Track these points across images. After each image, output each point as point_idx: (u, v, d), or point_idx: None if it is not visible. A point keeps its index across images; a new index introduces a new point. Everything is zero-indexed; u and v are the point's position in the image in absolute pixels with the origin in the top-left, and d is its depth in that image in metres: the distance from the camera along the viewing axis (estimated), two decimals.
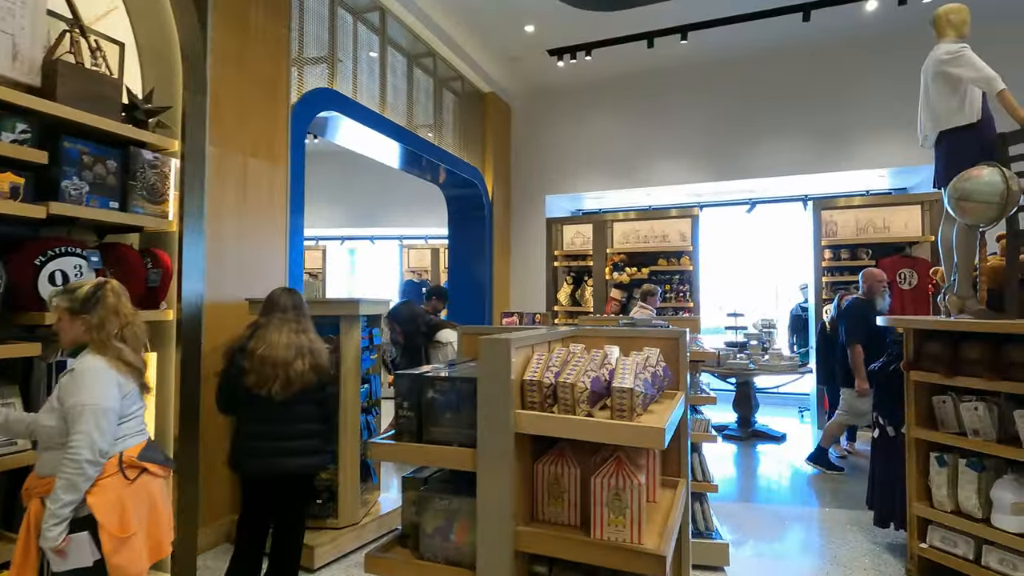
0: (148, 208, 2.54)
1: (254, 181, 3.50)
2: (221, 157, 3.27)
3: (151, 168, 2.55)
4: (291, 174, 3.78)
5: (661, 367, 1.54)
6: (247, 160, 3.45)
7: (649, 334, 1.65)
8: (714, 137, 6.77)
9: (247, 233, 3.45)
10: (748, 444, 5.56)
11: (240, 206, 3.41)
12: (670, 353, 1.64)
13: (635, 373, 1.27)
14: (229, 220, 3.33)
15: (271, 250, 3.63)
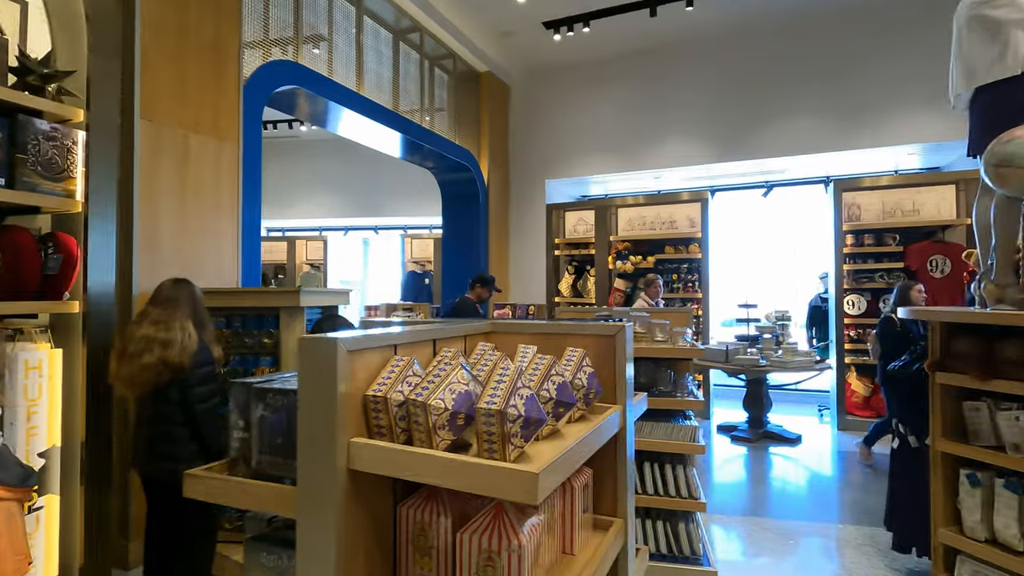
0: (45, 185, 2.23)
1: (197, 159, 3.19)
2: (155, 132, 2.97)
3: (47, 140, 2.24)
4: (244, 153, 3.47)
5: (585, 374, 1.16)
6: (188, 135, 3.14)
7: (579, 330, 1.27)
8: (726, 113, 6.26)
9: (189, 217, 3.15)
10: (759, 447, 5.11)
11: (180, 187, 3.10)
12: (604, 355, 1.25)
13: (514, 387, 0.90)
14: (166, 202, 3.03)
15: (220, 236, 3.32)
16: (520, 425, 0.87)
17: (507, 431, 0.86)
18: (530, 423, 0.89)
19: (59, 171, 2.28)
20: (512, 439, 0.86)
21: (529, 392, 0.91)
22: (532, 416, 0.89)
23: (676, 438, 2.53)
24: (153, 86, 2.95)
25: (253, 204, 3.54)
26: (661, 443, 2.50)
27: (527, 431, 0.89)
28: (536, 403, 0.91)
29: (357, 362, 0.93)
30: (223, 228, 3.34)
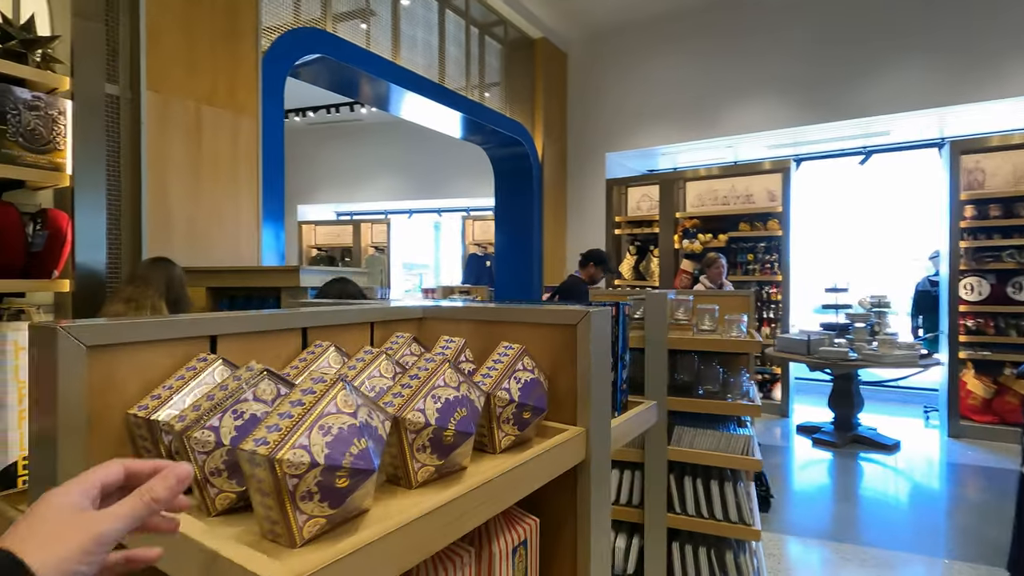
0: (28, 158, 2.13)
1: (212, 133, 3.05)
2: (163, 103, 2.84)
3: (29, 110, 2.13)
4: (264, 127, 3.30)
5: (517, 383, 0.77)
6: (200, 108, 3.00)
7: (525, 317, 0.88)
8: (816, 67, 5.42)
9: (203, 193, 3.02)
10: (847, 453, 4.41)
11: (192, 162, 2.97)
12: (560, 354, 0.85)
13: (317, 422, 0.53)
14: (177, 177, 2.91)
15: (238, 214, 3.19)
16: (318, 484, 0.51)
17: (291, 490, 0.50)
18: (357, 477, 0.52)
19: (44, 143, 2.17)
20: (301, 506, 0.50)
21: (356, 423, 0.54)
22: (351, 466, 0.52)
23: (726, 449, 2.06)
24: (160, 54, 2.81)
25: (274, 181, 3.37)
26: (704, 454, 2.04)
27: (333, 497, 0.52)
28: (370, 453, 0.54)
29: (122, 365, 0.60)
30: (241, 205, 3.20)
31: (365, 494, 0.55)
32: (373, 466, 0.53)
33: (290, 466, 0.49)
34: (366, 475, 0.53)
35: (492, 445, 0.77)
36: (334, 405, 0.55)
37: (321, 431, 0.52)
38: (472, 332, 0.93)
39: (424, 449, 0.66)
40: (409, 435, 0.65)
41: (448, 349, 0.86)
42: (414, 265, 11.82)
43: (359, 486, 0.53)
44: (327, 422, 0.53)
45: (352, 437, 0.53)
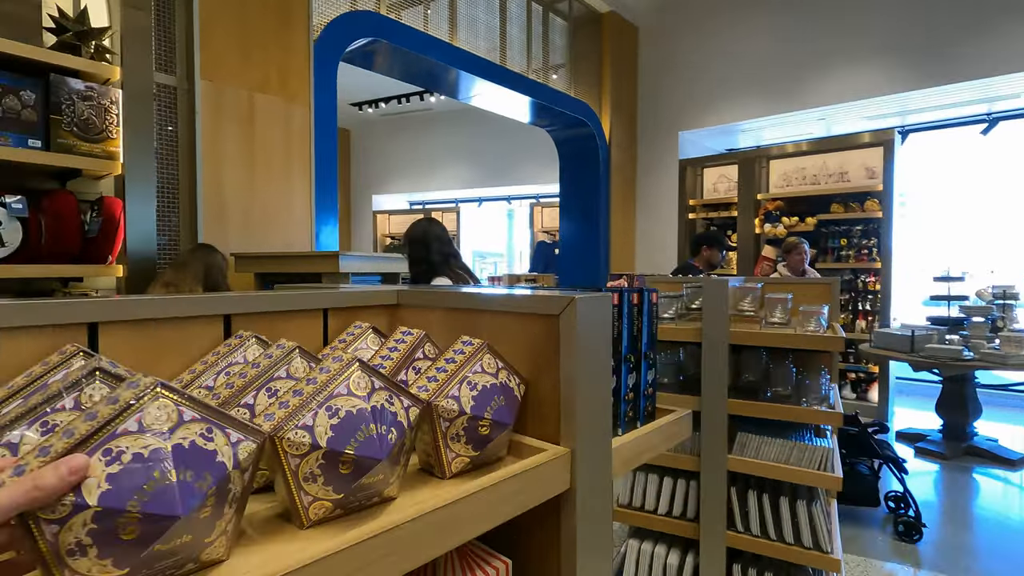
0: (82, 147, 2.20)
1: (264, 121, 3.07)
2: (217, 92, 2.88)
3: (83, 100, 2.19)
4: (316, 114, 3.29)
5: (471, 390, 0.60)
6: (253, 96, 3.02)
7: (499, 306, 0.70)
8: (926, 22, 4.72)
9: (257, 180, 3.05)
10: (959, 467, 3.83)
11: (246, 150, 3.01)
12: (539, 351, 0.67)
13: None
14: (231, 165, 2.95)
15: (291, 200, 3.21)
16: (321, 468, 0.49)
17: (293, 470, 0.46)
18: (338, 464, 0.48)
19: (97, 132, 2.24)
20: (305, 487, 0.49)
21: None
22: (365, 454, 0.47)
23: (799, 461, 1.77)
24: (214, 44, 2.85)
25: (327, 168, 3.37)
26: (770, 466, 1.76)
27: (338, 482, 0.49)
28: (377, 441, 0.51)
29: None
30: (294, 192, 3.22)
31: (379, 481, 0.51)
32: (380, 455, 0.48)
33: (291, 445, 0.47)
34: (370, 463, 0.48)
35: (440, 468, 0.60)
36: (345, 387, 0.50)
37: (328, 413, 0.49)
38: (442, 322, 0.76)
39: (458, 439, 0.61)
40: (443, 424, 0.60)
41: (403, 343, 0.69)
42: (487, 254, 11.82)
43: (365, 473, 0.49)
44: (336, 404, 0.49)
45: (359, 423, 0.49)
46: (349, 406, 0.49)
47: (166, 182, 2.71)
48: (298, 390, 0.50)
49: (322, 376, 0.51)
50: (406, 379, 0.67)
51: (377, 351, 0.69)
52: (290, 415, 0.47)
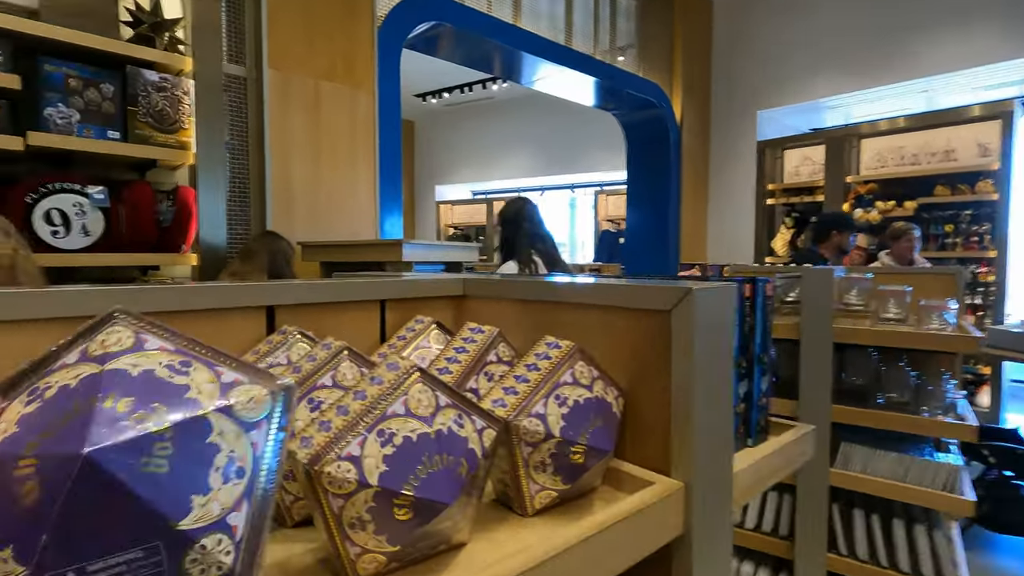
0: (158, 138, 2.23)
1: (330, 109, 3.06)
2: (284, 81, 2.88)
3: (157, 91, 2.23)
4: (380, 101, 3.25)
5: (560, 407, 0.47)
6: (319, 84, 3.01)
7: (596, 298, 0.56)
8: None
9: (323, 168, 3.05)
10: None
11: (312, 138, 3.00)
12: (644, 357, 0.53)
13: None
14: (298, 153, 2.96)
15: (356, 188, 3.19)
16: (370, 511, 0.37)
17: (336, 513, 0.35)
18: (391, 508, 0.36)
19: (171, 123, 2.27)
20: (351, 535, 0.38)
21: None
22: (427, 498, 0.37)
23: (918, 480, 1.53)
24: (281, 33, 2.85)
25: (392, 155, 3.33)
26: (883, 484, 1.53)
27: (393, 530, 0.38)
28: (444, 480, 0.41)
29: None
30: (359, 179, 3.20)
31: (446, 527, 0.40)
32: (447, 498, 0.37)
33: (332, 482, 0.36)
34: (436, 509, 0.37)
35: (520, 503, 0.48)
36: (403, 404, 0.38)
37: (380, 439, 0.37)
38: (517, 317, 0.64)
39: (544, 468, 0.48)
40: (524, 448, 0.47)
41: (472, 343, 0.57)
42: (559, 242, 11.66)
43: (429, 520, 0.37)
44: (390, 427, 0.38)
45: (421, 453, 0.38)
46: (407, 430, 0.38)
47: (236, 171, 2.74)
48: (343, 406, 0.39)
49: (373, 389, 0.39)
50: (476, 387, 0.55)
51: (442, 352, 0.58)
52: (332, 441, 0.36)
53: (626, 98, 5.30)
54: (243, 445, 0.29)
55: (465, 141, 10.32)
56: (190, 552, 0.26)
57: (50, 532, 0.23)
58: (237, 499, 0.28)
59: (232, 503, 0.28)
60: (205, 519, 0.27)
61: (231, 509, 0.28)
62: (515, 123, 9.67)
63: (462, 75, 8.05)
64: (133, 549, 0.25)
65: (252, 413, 0.30)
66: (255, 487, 0.29)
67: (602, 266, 6.71)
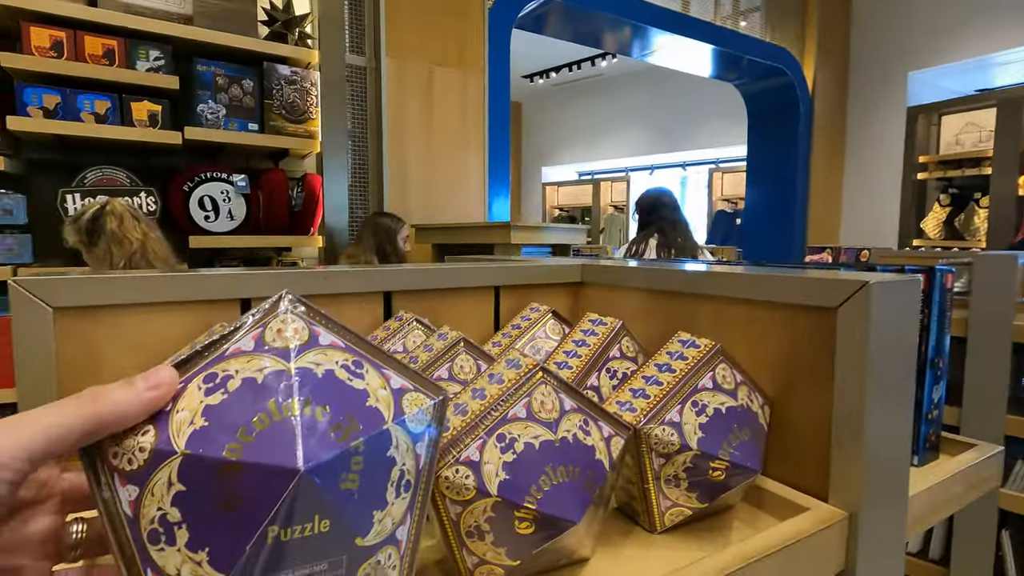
0: (289, 128, 2.41)
1: (442, 93, 3.12)
2: (400, 68, 2.98)
3: (288, 84, 2.39)
4: (490, 82, 3.26)
5: (699, 415, 0.41)
6: (432, 69, 3.08)
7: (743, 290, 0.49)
8: None
9: (435, 150, 3.13)
10: None
11: (425, 122, 3.09)
12: (795, 360, 0.45)
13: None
14: (412, 138, 3.06)
15: (466, 170, 3.24)
16: (489, 521, 0.35)
17: (454, 519, 0.35)
18: (512, 520, 0.35)
19: (300, 113, 2.43)
20: (468, 544, 0.36)
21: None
22: (550, 514, 0.35)
23: None
24: (398, 22, 2.94)
25: (500, 135, 3.34)
26: None
27: (512, 543, 0.36)
28: (569, 494, 0.37)
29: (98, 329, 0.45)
30: (469, 161, 3.24)
31: (572, 544, 0.37)
32: (573, 516, 0.33)
33: (450, 487, 0.34)
34: (562, 527, 0.34)
35: (648, 518, 0.43)
36: (524, 406, 0.36)
37: (500, 445, 0.34)
38: (642, 308, 0.58)
39: (677, 483, 0.43)
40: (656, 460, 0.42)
41: (593, 336, 0.53)
42: None
43: (553, 537, 0.34)
44: (511, 432, 0.35)
45: (544, 463, 0.35)
46: (529, 436, 0.34)
47: (357, 158, 2.89)
48: (461, 404, 0.36)
49: (493, 388, 0.36)
50: (597, 384, 0.51)
51: (559, 345, 0.54)
52: (450, 443, 0.34)
53: (749, 66, 4.88)
54: (411, 457, 0.28)
55: (572, 121, 10.16)
56: (365, 566, 0.26)
57: (252, 544, 0.23)
58: (404, 512, 0.28)
59: (400, 517, 0.28)
60: (381, 535, 0.27)
61: (399, 523, 0.28)
62: (624, 100, 9.34)
63: (570, 53, 7.90)
64: (321, 562, 0.25)
65: (418, 424, 0.29)
66: (416, 500, 0.29)
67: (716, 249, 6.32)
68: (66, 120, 1.92)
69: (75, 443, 0.23)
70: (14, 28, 1.87)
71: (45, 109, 1.90)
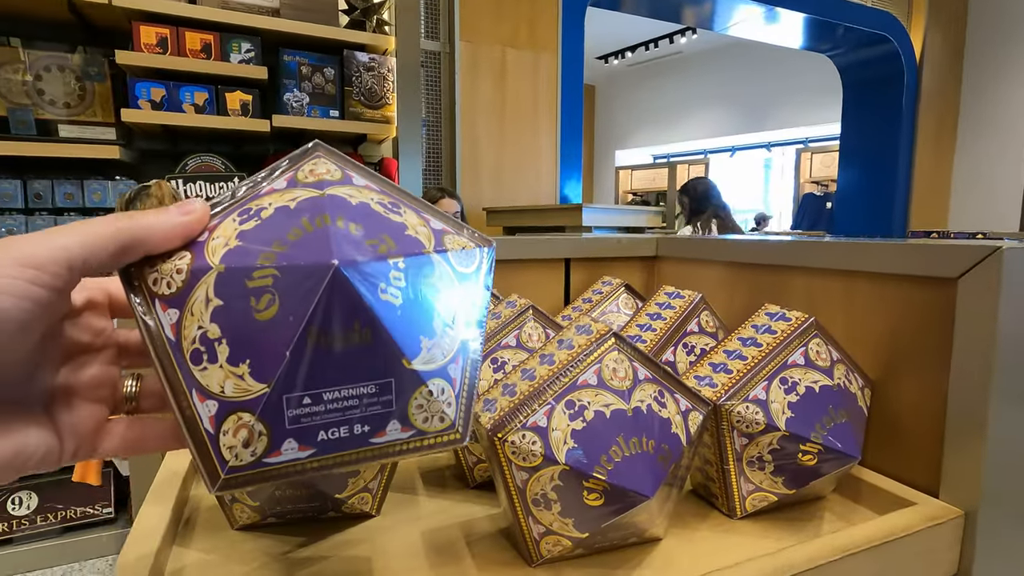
0: (367, 114, 2.48)
1: (514, 75, 3.10)
2: (473, 52, 2.99)
3: (367, 71, 2.46)
4: (563, 63, 3.20)
5: (788, 393, 0.37)
6: (505, 51, 3.06)
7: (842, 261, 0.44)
8: None
9: (507, 133, 3.12)
10: None
11: (498, 104, 3.09)
12: (903, 338, 0.40)
13: None
14: (484, 120, 3.07)
15: (537, 152, 3.22)
16: (556, 490, 0.34)
17: (520, 486, 0.35)
18: (581, 491, 0.34)
19: (378, 99, 2.50)
20: (535, 512, 0.35)
21: None
22: (619, 485, 0.33)
23: None
24: (471, 5, 2.94)
25: (573, 117, 3.28)
26: None
27: (580, 514, 0.34)
28: (640, 466, 0.34)
29: None
30: (541, 145, 3.21)
31: (644, 521, 0.35)
32: (646, 490, 0.32)
33: (516, 451, 0.32)
34: (633, 501, 0.32)
35: (727, 502, 0.40)
36: (595, 373, 0.34)
37: (569, 411, 0.33)
38: (724, 283, 0.54)
39: (762, 466, 0.39)
40: (737, 439, 0.38)
41: (669, 309, 0.50)
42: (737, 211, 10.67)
43: (624, 511, 0.32)
44: (580, 399, 0.33)
45: (615, 432, 0.33)
46: (600, 404, 0.32)
47: (431, 142, 2.94)
48: (528, 370, 0.35)
49: (562, 354, 0.35)
50: (673, 360, 0.48)
51: (632, 318, 0.51)
52: (516, 408, 0.33)
53: (846, 34, 4.48)
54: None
55: (647, 102, 9.83)
56: (417, 396, 0.25)
57: (292, 349, 0.22)
58: (455, 351, 0.26)
59: (452, 354, 0.26)
60: (431, 364, 0.25)
61: (451, 360, 0.26)
62: (704, 78, 8.91)
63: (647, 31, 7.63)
64: (367, 383, 0.24)
65: (464, 266, 0.27)
66: (467, 343, 0.27)
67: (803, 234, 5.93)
68: (170, 111, 2.08)
69: (111, 256, 0.23)
70: (127, 28, 2.03)
71: (152, 102, 2.06)
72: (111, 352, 0.27)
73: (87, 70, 2.08)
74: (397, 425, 0.24)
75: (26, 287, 0.21)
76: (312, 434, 0.23)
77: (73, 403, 0.25)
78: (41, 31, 2.07)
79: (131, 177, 2.16)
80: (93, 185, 2.04)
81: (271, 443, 0.23)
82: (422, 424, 0.25)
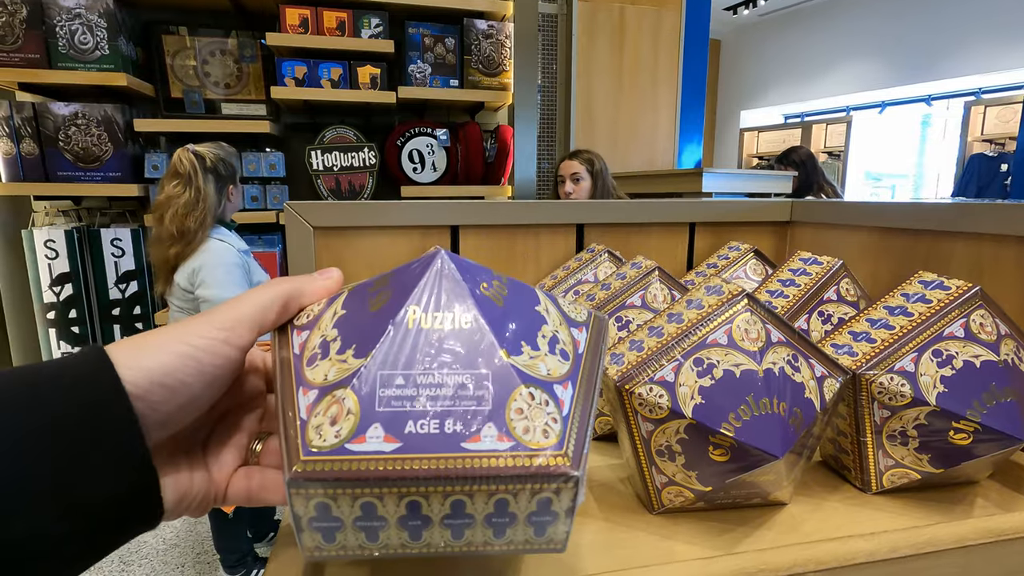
0: (484, 82, 2.53)
1: (634, 32, 2.97)
2: (591, 11, 2.90)
3: (485, 39, 2.49)
4: (687, 17, 3.00)
5: (942, 366, 0.34)
6: (624, 8, 2.94)
7: (1001, 225, 0.39)
8: None
9: (624, 93, 3.02)
10: None
11: (615, 64, 2.98)
12: None
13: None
14: (599, 83, 2.99)
15: (657, 112, 3.08)
16: (681, 443, 0.35)
17: (645, 437, 0.36)
18: (705, 444, 0.36)
19: (495, 66, 2.53)
20: (659, 463, 0.39)
21: None
22: (742, 441, 0.34)
23: None
24: None
25: (696, 76, 3.09)
26: None
27: (703, 467, 0.36)
28: (767, 427, 0.33)
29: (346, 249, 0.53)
30: (660, 106, 3.07)
31: (769, 483, 0.35)
32: (776, 450, 0.31)
33: (643, 404, 0.33)
34: (760, 459, 0.31)
35: (861, 475, 0.39)
36: (725, 333, 0.34)
37: (697, 369, 0.33)
38: (868, 250, 0.50)
39: (904, 440, 0.37)
40: (878, 411, 0.37)
41: (805, 275, 0.47)
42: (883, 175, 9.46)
43: (749, 469, 0.32)
44: (709, 357, 0.34)
45: (745, 392, 0.33)
46: (729, 363, 0.33)
47: (545, 107, 2.93)
48: (656, 327, 0.36)
49: (691, 313, 0.35)
50: (807, 328, 0.46)
51: (763, 283, 0.49)
52: (644, 362, 0.34)
53: None
54: (567, 333, 0.27)
55: (780, 56, 8.93)
56: (516, 398, 0.23)
57: (394, 322, 0.25)
58: (564, 376, 0.25)
59: (559, 376, 0.25)
60: (532, 370, 0.24)
61: (558, 381, 0.25)
62: (849, 25, 7.90)
63: None
64: (463, 371, 0.23)
65: (574, 315, 0.29)
66: (579, 376, 0.25)
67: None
68: (310, 87, 2.26)
69: (276, 316, 0.28)
70: (274, 11, 2.23)
71: (296, 79, 2.26)
72: (259, 413, 0.31)
73: (242, 52, 2.32)
74: (493, 430, 0.22)
75: (221, 347, 0.25)
76: (400, 423, 0.22)
77: (221, 453, 0.29)
78: (202, 18, 2.33)
79: (279, 149, 2.40)
80: (249, 157, 2.30)
81: (358, 424, 0.22)
82: (522, 435, 0.22)
